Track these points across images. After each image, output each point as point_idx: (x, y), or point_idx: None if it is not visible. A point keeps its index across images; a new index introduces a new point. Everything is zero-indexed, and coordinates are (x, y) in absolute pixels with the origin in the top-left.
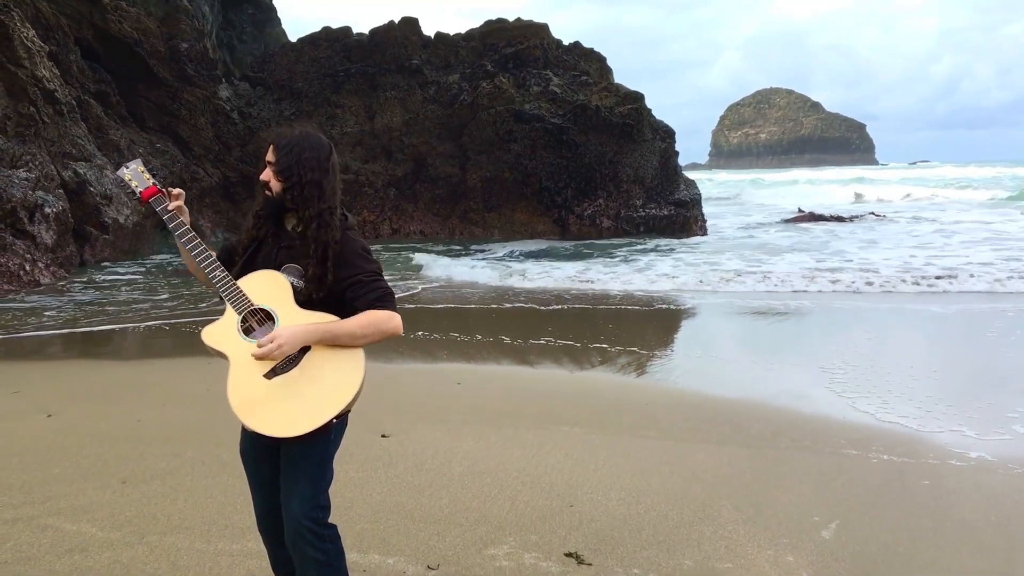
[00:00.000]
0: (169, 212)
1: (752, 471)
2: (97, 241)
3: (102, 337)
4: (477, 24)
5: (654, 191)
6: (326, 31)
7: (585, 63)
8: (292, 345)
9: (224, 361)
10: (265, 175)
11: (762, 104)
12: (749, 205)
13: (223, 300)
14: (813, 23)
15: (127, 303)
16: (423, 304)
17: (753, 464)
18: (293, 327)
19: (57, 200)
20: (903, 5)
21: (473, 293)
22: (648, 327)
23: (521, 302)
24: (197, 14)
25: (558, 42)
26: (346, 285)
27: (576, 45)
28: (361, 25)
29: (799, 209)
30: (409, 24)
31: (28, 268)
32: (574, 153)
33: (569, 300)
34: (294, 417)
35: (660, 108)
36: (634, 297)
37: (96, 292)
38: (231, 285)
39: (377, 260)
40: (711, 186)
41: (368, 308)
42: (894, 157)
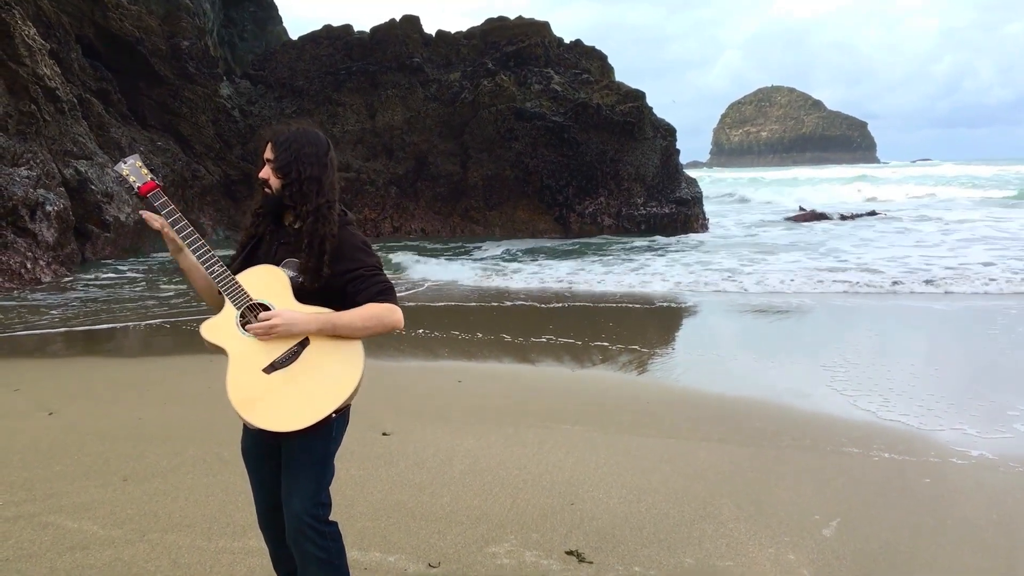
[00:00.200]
0: (168, 207)
1: (753, 469)
2: (98, 239)
3: (103, 335)
4: (478, 22)
5: (655, 189)
6: (327, 29)
7: (586, 61)
8: (289, 327)
9: (225, 357)
10: (264, 172)
11: (763, 102)
12: (750, 203)
13: (221, 295)
14: (814, 22)
15: (128, 301)
16: (424, 302)
17: (754, 462)
18: (293, 311)
19: (58, 198)
20: (904, 3)
21: (448, 294)
22: (649, 325)
23: (499, 301)
24: (198, 12)
25: (559, 40)
26: (347, 279)
27: (577, 43)
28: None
29: (800, 207)
30: (410, 22)
31: (29, 266)
32: (575, 151)
33: (551, 300)
34: (294, 411)
35: (661, 106)
36: (632, 295)
37: (97, 290)
38: (230, 280)
39: (377, 255)
40: (712, 184)
41: (370, 301)
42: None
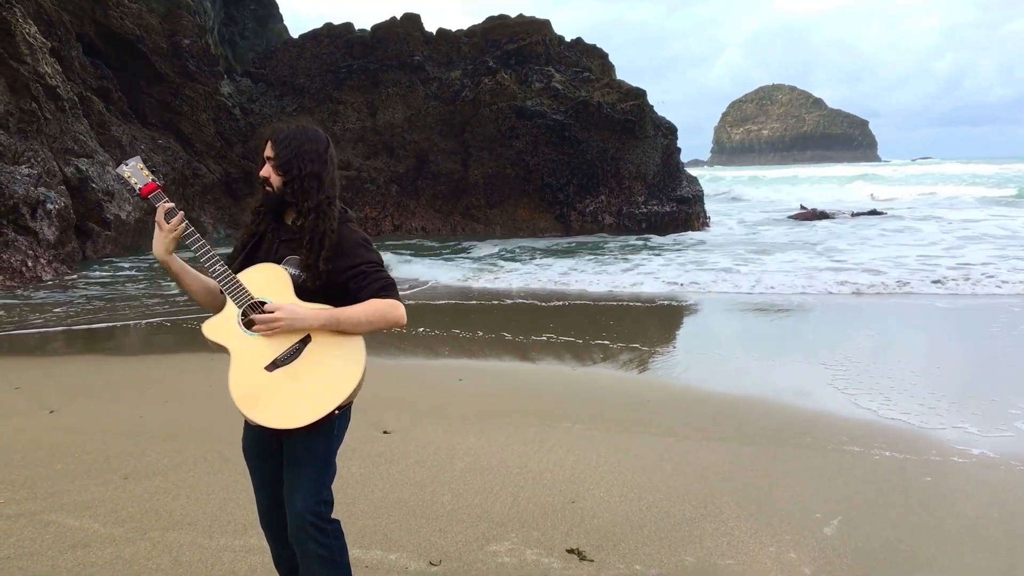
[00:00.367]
0: (168, 207)
1: (754, 468)
2: (99, 237)
3: (104, 333)
4: (479, 20)
5: (656, 188)
6: (328, 27)
7: (587, 59)
8: (292, 321)
9: (226, 355)
10: (264, 171)
11: (764, 101)
12: (752, 202)
13: (216, 297)
14: (815, 20)
15: (129, 299)
16: (424, 300)
17: (755, 461)
18: (295, 305)
19: (59, 196)
20: (905, 2)
21: (430, 295)
22: (650, 323)
23: (486, 300)
24: (199, 10)
25: (560, 38)
26: (349, 275)
27: (578, 41)
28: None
29: (801, 206)
30: (411, 20)
31: (30, 264)
32: (576, 149)
33: (551, 298)
34: (296, 408)
35: (662, 105)
36: (627, 295)
37: (98, 288)
38: (231, 279)
39: (377, 251)
40: (710, 182)
41: (372, 298)
42: (896, 154)
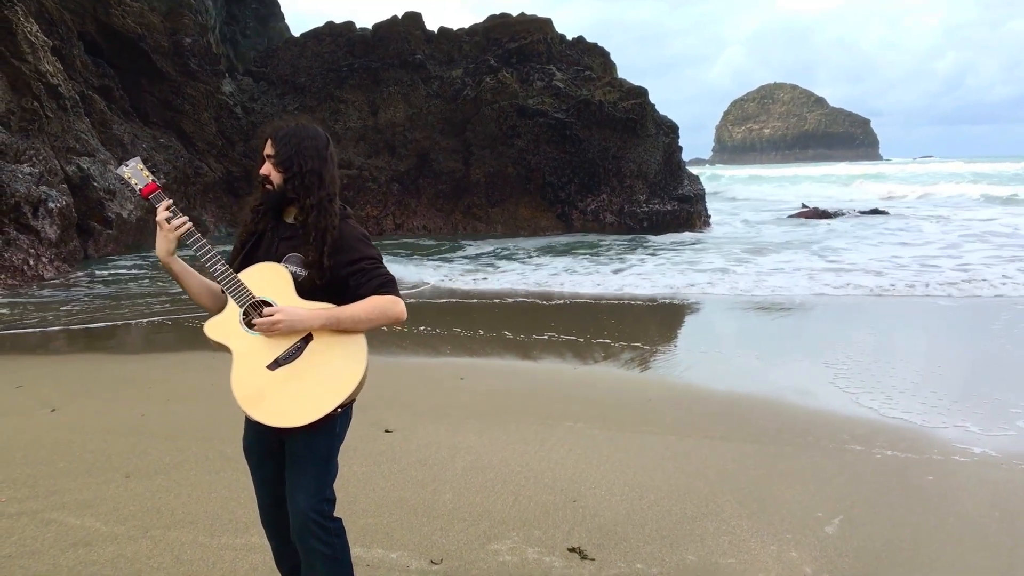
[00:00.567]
0: (169, 207)
1: (755, 467)
2: (101, 236)
3: (106, 332)
4: (480, 19)
5: (657, 186)
6: (329, 26)
7: (588, 58)
8: (291, 323)
9: (228, 354)
10: (265, 169)
11: (766, 99)
12: (753, 201)
13: (217, 297)
14: (817, 18)
15: (130, 297)
16: (425, 299)
17: (756, 460)
18: (295, 307)
19: (61, 195)
20: (906, 0)
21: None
22: (651, 322)
23: (458, 299)
24: (200, 9)
25: (561, 37)
26: (349, 272)
27: (579, 40)
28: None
29: (803, 205)
30: (412, 19)
31: (32, 263)
32: (577, 148)
33: (552, 297)
34: (299, 407)
35: (663, 104)
36: (623, 295)
37: (100, 287)
38: (232, 278)
39: (376, 247)
40: (712, 181)
41: (372, 295)
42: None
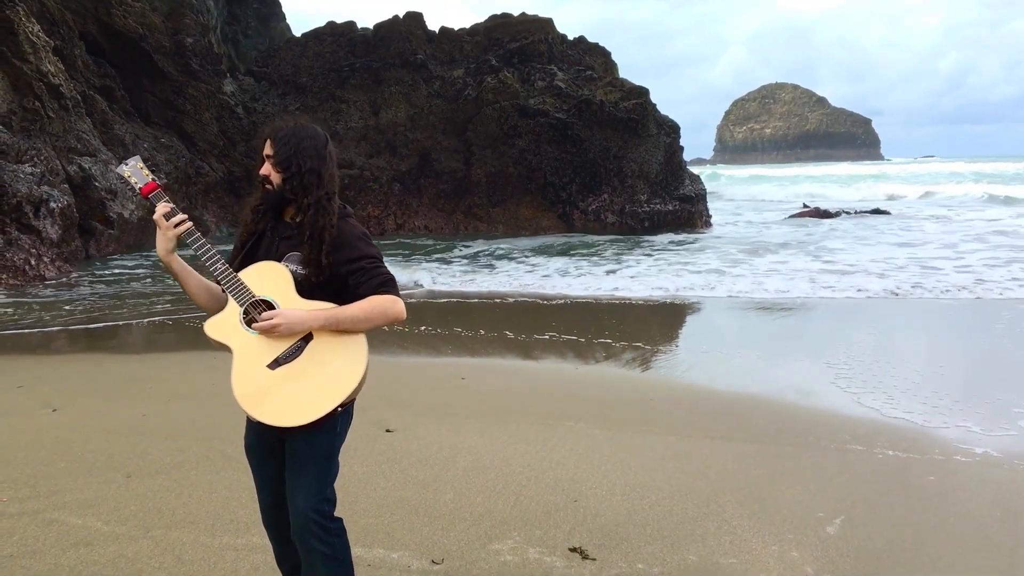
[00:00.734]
0: (168, 207)
1: (757, 467)
2: (102, 236)
3: (107, 332)
4: (482, 19)
5: (659, 186)
6: (330, 26)
7: (590, 58)
8: (291, 325)
9: (229, 354)
10: (264, 169)
11: (767, 99)
12: (754, 201)
13: (217, 297)
14: (818, 18)
15: (131, 297)
16: (426, 299)
17: (758, 460)
18: (294, 309)
19: (62, 195)
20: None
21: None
22: (652, 322)
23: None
24: (202, 9)
25: (563, 37)
26: (348, 270)
27: (581, 40)
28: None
29: (804, 205)
30: (414, 19)
31: (33, 263)
32: (579, 148)
33: (553, 296)
34: (299, 406)
35: (664, 104)
36: (619, 296)
37: (101, 286)
38: (232, 277)
39: (376, 246)
40: (712, 180)
41: (372, 294)
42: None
